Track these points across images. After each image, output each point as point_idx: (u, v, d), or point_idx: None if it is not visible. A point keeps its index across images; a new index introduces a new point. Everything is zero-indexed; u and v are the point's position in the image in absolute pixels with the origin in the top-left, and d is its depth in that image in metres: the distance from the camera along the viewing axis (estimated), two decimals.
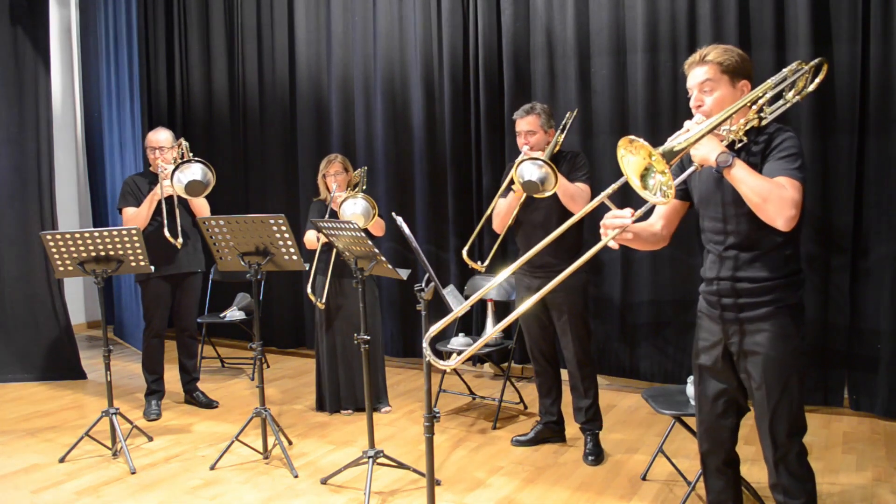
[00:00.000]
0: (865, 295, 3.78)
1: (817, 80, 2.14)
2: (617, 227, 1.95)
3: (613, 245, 1.99)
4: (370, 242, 3.01)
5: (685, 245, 4.20)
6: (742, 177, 1.92)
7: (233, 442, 3.47)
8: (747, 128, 2.03)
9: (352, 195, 3.83)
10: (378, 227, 3.95)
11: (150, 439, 3.75)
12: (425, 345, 2.05)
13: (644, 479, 3.14)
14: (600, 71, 4.39)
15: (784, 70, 2.11)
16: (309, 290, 3.94)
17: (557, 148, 3.35)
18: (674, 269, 4.27)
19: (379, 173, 5.16)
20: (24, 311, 5.12)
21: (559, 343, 3.49)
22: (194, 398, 4.36)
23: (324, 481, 3.17)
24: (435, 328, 2.06)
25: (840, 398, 3.91)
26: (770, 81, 2.06)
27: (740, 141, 2.04)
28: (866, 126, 3.71)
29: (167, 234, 3.89)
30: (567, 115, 3.46)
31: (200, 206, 4.07)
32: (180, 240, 3.94)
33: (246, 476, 3.27)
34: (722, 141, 2.00)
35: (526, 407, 4.18)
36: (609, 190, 1.99)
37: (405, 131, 5.11)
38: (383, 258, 3.03)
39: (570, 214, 3.30)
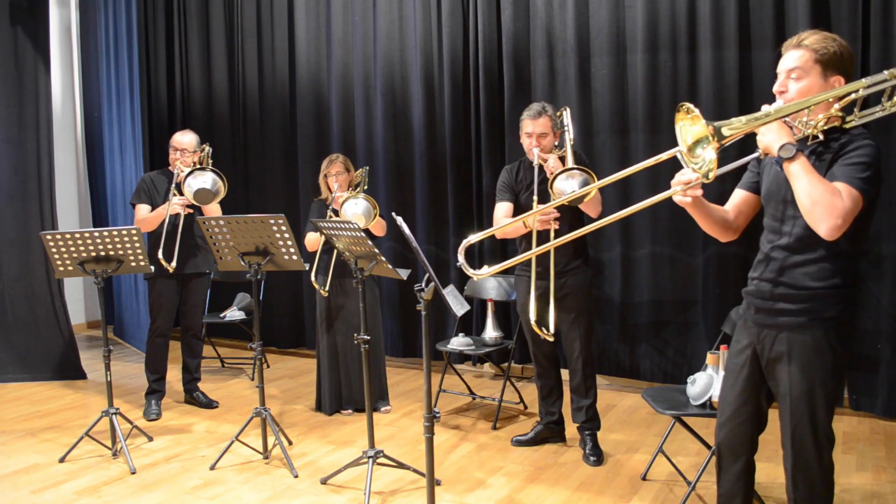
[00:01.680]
0: (866, 295, 3.77)
1: None
2: (682, 182, 1.90)
3: (681, 199, 1.94)
4: (370, 242, 3.00)
5: (685, 245, 4.20)
6: (798, 173, 1.79)
7: (233, 442, 3.47)
8: (828, 126, 1.89)
9: (353, 195, 3.83)
10: (379, 228, 3.95)
11: (150, 439, 3.75)
12: (461, 257, 2.03)
13: (644, 479, 3.13)
14: (600, 71, 4.39)
15: (885, 72, 1.86)
16: (312, 277, 3.94)
17: (572, 143, 3.30)
18: (674, 269, 4.27)
19: (379, 173, 5.16)
20: (24, 311, 5.12)
21: (560, 343, 3.49)
22: (194, 398, 4.36)
23: (324, 481, 3.17)
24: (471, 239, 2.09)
25: (840, 398, 3.90)
26: (863, 81, 1.85)
27: (815, 137, 1.91)
28: (866, 126, 3.70)
29: (160, 255, 3.88)
30: (559, 113, 3.41)
31: (213, 211, 4.08)
32: (174, 264, 3.92)
33: (246, 476, 3.27)
34: (796, 135, 1.89)
35: (526, 407, 4.18)
36: (663, 155, 1.95)
37: (405, 131, 5.11)
38: (383, 258, 3.03)
39: (579, 213, 3.31)
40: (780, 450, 2.07)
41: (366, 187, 4.09)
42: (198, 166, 3.95)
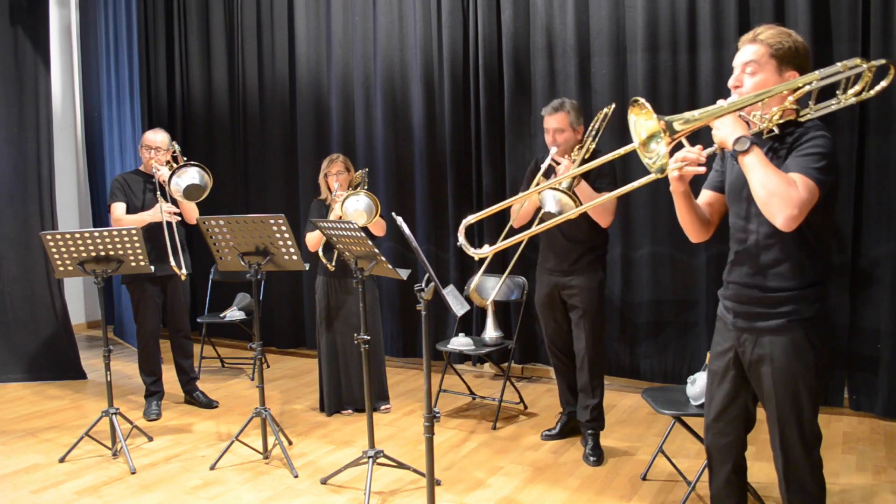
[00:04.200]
0: (865, 295, 3.78)
1: (882, 84, 1.87)
2: (682, 158, 1.88)
3: (674, 175, 1.91)
4: (370, 242, 3.00)
5: (685, 245, 4.19)
6: (753, 165, 1.79)
7: (233, 442, 3.47)
8: (782, 120, 1.90)
9: (354, 193, 3.84)
10: (379, 227, 3.95)
11: (150, 439, 3.75)
12: (461, 237, 2.04)
13: (644, 479, 3.14)
14: (600, 71, 4.39)
15: (838, 64, 1.86)
16: (320, 252, 3.95)
17: (588, 154, 3.24)
18: (674, 269, 4.27)
19: (379, 173, 5.16)
20: (24, 311, 5.12)
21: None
22: (194, 398, 4.36)
23: (324, 481, 3.17)
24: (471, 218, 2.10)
25: (840, 398, 3.91)
26: (817, 73, 1.85)
27: (771, 131, 1.91)
28: (866, 126, 3.71)
29: (172, 263, 3.92)
30: (597, 118, 3.35)
31: (189, 208, 4.07)
32: (184, 271, 3.97)
33: (246, 476, 3.27)
34: (752, 128, 1.89)
35: (526, 407, 4.18)
36: (617, 152, 1.97)
37: (405, 131, 5.11)
38: (383, 258, 3.03)
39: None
40: None
41: (366, 188, 4.09)
42: (178, 165, 3.93)
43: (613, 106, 3.42)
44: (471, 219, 2.11)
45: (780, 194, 1.76)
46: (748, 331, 2.00)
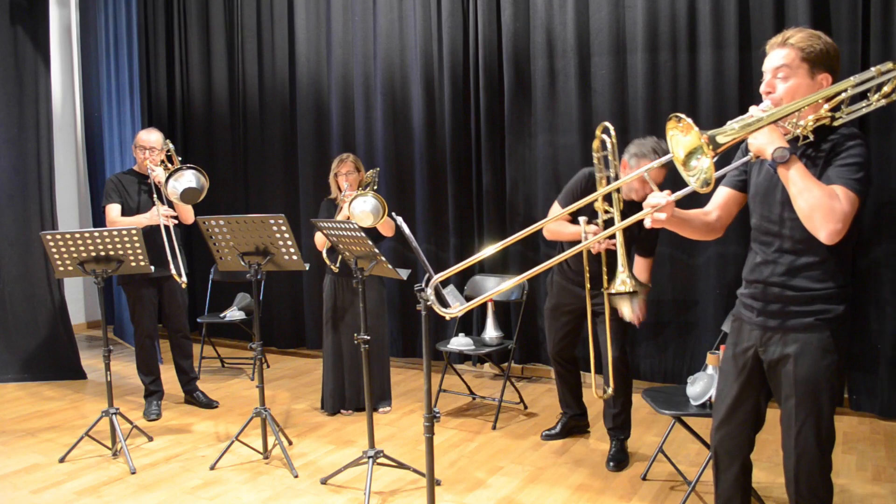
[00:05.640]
0: (865, 295, 3.78)
1: None
2: (651, 204, 1.89)
3: (647, 223, 1.92)
4: (370, 242, 3.00)
5: (685, 245, 4.20)
6: (794, 178, 1.79)
7: (233, 442, 3.47)
8: (817, 125, 1.88)
9: (362, 194, 3.83)
10: (387, 227, 3.93)
11: (150, 439, 3.75)
12: (429, 289, 2.00)
13: (644, 479, 3.13)
14: (600, 71, 4.39)
15: (872, 69, 1.86)
16: (324, 254, 3.94)
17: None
18: (674, 269, 4.27)
19: (379, 173, 5.15)
20: (24, 311, 5.12)
21: (583, 347, 3.48)
22: (194, 398, 4.36)
23: (324, 481, 3.17)
24: (445, 273, 2.05)
25: (840, 398, 3.90)
26: (852, 79, 1.86)
27: (805, 138, 1.90)
28: (866, 126, 3.71)
29: (172, 270, 3.94)
30: (600, 132, 3.16)
31: (185, 208, 4.06)
32: (184, 278, 3.98)
33: (246, 476, 3.27)
34: (786, 135, 1.88)
35: (526, 407, 4.18)
36: (653, 164, 1.96)
37: (405, 131, 5.11)
38: (383, 258, 3.03)
39: (631, 234, 3.22)
40: (780, 450, 2.07)
41: (376, 187, 4.09)
42: (174, 167, 3.91)
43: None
44: (441, 275, 2.08)
45: (822, 208, 1.76)
46: (774, 329, 1.99)
